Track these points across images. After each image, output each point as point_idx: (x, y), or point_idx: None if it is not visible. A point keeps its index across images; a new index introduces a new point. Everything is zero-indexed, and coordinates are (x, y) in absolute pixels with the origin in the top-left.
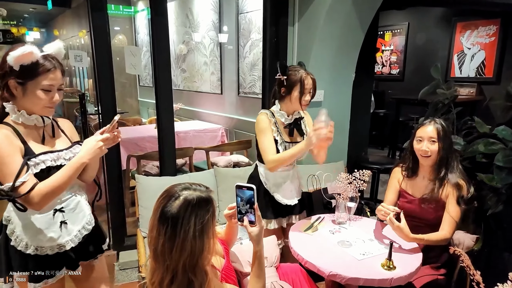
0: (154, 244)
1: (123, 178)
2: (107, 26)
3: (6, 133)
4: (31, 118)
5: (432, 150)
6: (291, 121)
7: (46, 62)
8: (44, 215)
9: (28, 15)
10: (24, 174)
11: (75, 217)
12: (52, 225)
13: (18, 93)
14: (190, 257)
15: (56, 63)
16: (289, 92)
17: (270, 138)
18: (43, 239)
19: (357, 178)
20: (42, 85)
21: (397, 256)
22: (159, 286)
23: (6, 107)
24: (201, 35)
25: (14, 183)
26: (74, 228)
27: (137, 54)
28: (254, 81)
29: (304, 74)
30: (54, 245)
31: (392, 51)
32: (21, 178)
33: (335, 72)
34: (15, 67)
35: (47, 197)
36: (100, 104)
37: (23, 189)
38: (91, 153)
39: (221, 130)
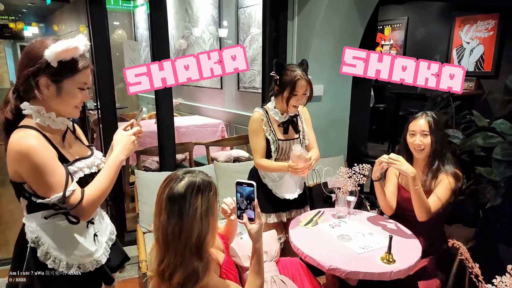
0: (163, 228)
1: (123, 174)
2: (106, 21)
3: (39, 137)
4: (59, 120)
5: (425, 143)
6: (285, 119)
7: (82, 58)
8: (79, 229)
9: (26, 10)
10: (71, 183)
11: (102, 228)
12: (88, 238)
13: (49, 92)
14: (198, 238)
15: (88, 59)
16: (281, 92)
17: (259, 140)
18: (83, 255)
19: (357, 172)
20: (79, 83)
21: (397, 250)
22: (166, 272)
23: (27, 108)
24: (200, 30)
25: (64, 194)
26: (103, 240)
27: (136, 49)
28: (254, 75)
29: (299, 75)
30: (93, 260)
31: (392, 45)
32: (70, 187)
33: (335, 66)
34: (53, 63)
35: (96, 204)
36: (99, 99)
37: (75, 199)
38: (126, 149)
39: (221, 125)
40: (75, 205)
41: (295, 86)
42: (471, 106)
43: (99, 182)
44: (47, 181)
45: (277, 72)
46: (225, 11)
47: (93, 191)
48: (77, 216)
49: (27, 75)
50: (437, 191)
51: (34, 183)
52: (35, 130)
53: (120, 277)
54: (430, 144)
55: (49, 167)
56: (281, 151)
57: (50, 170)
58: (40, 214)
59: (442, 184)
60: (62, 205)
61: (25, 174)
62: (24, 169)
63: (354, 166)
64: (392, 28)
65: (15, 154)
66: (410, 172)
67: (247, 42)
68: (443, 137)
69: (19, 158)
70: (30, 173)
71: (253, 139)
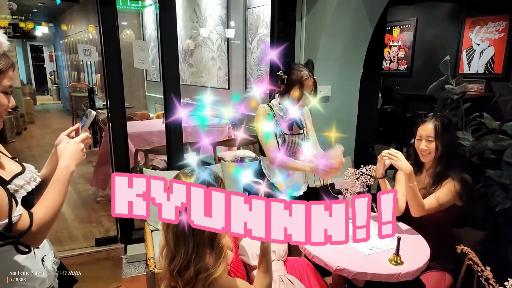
0: (174, 227)
1: (131, 173)
2: (116, 21)
3: None
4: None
5: (430, 148)
6: (290, 116)
7: (3, 56)
8: (27, 258)
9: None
10: (16, 207)
11: (45, 250)
12: (37, 265)
13: None
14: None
15: (9, 58)
16: (287, 91)
17: (267, 128)
18: (35, 285)
19: (364, 173)
20: (3, 87)
21: (405, 252)
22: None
23: None
24: (208, 30)
25: (10, 220)
26: (49, 264)
27: (145, 49)
28: (262, 76)
29: (305, 75)
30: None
31: (400, 46)
32: (15, 212)
33: (342, 67)
34: None
35: (49, 226)
36: (108, 99)
37: (23, 225)
38: (76, 159)
39: (228, 125)
40: (25, 231)
41: (304, 85)
42: (481, 108)
43: (50, 201)
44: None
45: (284, 71)
46: (233, 12)
47: (43, 213)
48: (27, 244)
49: None
50: (438, 192)
51: None
52: None
53: (128, 274)
54: (435, 149)
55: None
56: (287, 146)
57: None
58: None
59: (444, 187)
60: (9, 233)
61: None
62: None
63: (361, 167)
64: (400, 29)
65: None
66: (406, 169)
67: (254, 43)
68: (450, 142)
69: None
70: None
71: (261, 127)
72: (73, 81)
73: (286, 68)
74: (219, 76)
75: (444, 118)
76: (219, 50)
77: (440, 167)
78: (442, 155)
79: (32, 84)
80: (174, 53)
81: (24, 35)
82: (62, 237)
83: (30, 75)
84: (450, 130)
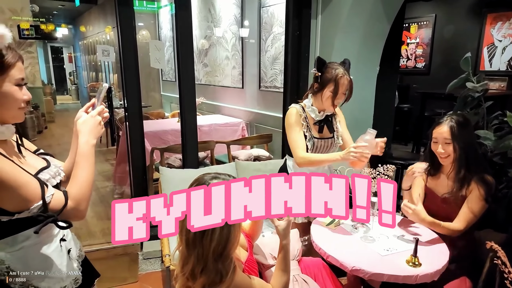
0: (185, 232)
1: (147, 170)
2: (134, 22)
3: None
4: (4, 129)
5: (448, 151)
6: (322, 117)
7: (10, 49)
8: (53, 249)
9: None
10: (47, 189)
11: (72, 244)
12: (64, 258)
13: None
14: (219, 244)
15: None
16: (321, 89)
17: (299, 133)
18: (62, 277)
19: (381, 173)
20: (15, 79)
21: (423, 253)
22: (190, 276)
23: None
24: (223, 30)
25: (44, 200)
26: (74, 256)
27: (161, 49)
28: (276, 75)
29: (341, 73)
30: (72, 280)
31: (418, 44)
32: (48, 193)
33: (358, 65)
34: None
35: (85, 198)
36: (125, 98)
37: (58, 203)
38: (95, 133)
39: (242, 124)
40: (61, 209)
41: (339, 84)
42: (503, 107)
43: (79, 176)
44: (21, 195)
45: (318, 69)
46: (248, 11)
47: (77, 187)
48: (68, 220)
49: None
50: (468, 203)
51: (4, 202)
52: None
53: (144, 270)
54: (453, 152)
55: (19, 180)
56: (315, 150)
57: (22, 183)
58: (9, 240)
59: (472, 195)
60: (47, 214)
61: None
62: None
63: (378, 166)
64: (418, 26)
65: None
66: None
67: (269, 41)
68: (468, 143)
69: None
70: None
71: (292, 132)
72: (92, 81)
73: (320, 65)
74: (233, 75)
75: (459, 117)
76: (233, 49)
77: (463, 171)
78: (462, 156)
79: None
80: (189, 53)
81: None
82: (81, 233)
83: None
84: (467, 130)
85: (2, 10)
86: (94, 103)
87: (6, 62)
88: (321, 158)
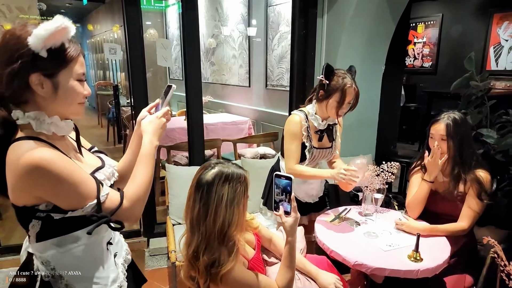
0: (190, 213)
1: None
2: (141, 21)
3: (49, 147)
4: (64, 124)
5: (443, 148)
6: (324, 127)
7: (72, 43)
8: (99, 252)
9: (64, 10)
10: (103, 188)
11: (118, 248)
12: (109, 262)
13: (45, 91)
14: (222, 225)
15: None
16: (327, 98)
17: (297, 145)
18: (107, 283)
19: (385, 170)
20: (77, 74)
21: (425, 248)
22: (193, 257)
23: (21, 117)
24: (230, 29)
25: (98, 199)
26: (119, 262)
27: (168, 47)
28: (282, 73)
29: (349, 83)
30: (117, 286)
31: (425, 43)
32: (102, 192)
33: (364, 64)
34: (42, 53)
35: (142, 200)
36: (132, 96)
37: (113, 202)
38: (158, 134)
39: (248, 123)
40: (116, 208)
41: (346, 94)
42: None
43: (138, 176)
44: (78, 193)
45: (326, 76)
46: (255, 10)
47: (134, 188)
48: (121, 221)
49: (12, 75)
50: (467, 201)
51: (61, 200)
52: (39, 140)
53: (151, 266)
54: (448, 149)
55: (77, 178)
56: (312, 158)
57: (79, 181)
58: (58, 241)
59: (469, 193)
60: (100, 214)
61: (46, 192)
62: (45, 187)
63: (383, 164)
64: (425, 25)
65: (28, 171)
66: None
67: (275, 40)
68: (463, 141)
69: (35, 175)
70: (54, 190)
71: (290, 143)
72: (99, 80)
73: (328, 73)
74: (240, 74)
75: (457, 116)
76: (240, 48)
77: (457, 168)
78: (456, 154)
79: None
80: (196, 51)
81: None
82: None
83: None
84: (463, 129)
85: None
86: (158, 104)
87: (69, 55)
88: (312, 173)
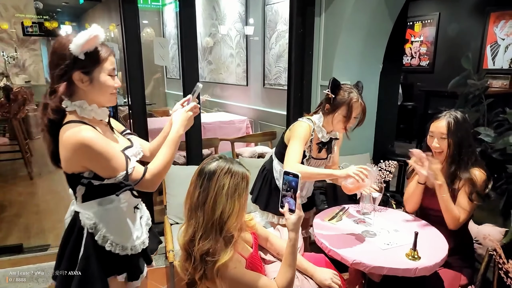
0: (190, 199)
1: None
2: (138, 19)
3: (92, 128)
4: (101, 111)
5: (442, 146)
6: (327, 140)
7: (103, 46)
8: (129, 214)
9: (61, 9)
10: (130, 162)
11: (143, 212)
12: (136, 222)
13: (85, 85)
14: (221, 214)
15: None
16: (332, 111)
17: (302, 148)
18: (134, 238)
19: (383, 168)
20: (108, 70)
21: (423, 247)
22: (190, 242)
23: (70, 106)
24: (227, 27)
25: (127, 171)
26: (143, 224)
27: (165, 46)
28: (280, 72)
29: (355, 98)
30: (141, 242)
31: (422, 42)
32: (130, 165)
33: (362, 63)
34: (80, 56)
35: (160, 176)
36: (129, 96)
37: (137, 175)
38: (185, 125)
39: (246, 122)
40: (139, 179)
41: (352, 109)
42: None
43: (161, 156)
44: (112, 165)
45: (332, 90)
46: (252, 8)
47: (156, 165)
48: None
49: (61, 74)
50: (460, 200)
51: (99, 169)
52: (83, 123)
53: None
54: (447, 147)
55: (111, 153)
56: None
57: (113, 156)
58: (98, 202)
59: (462, 193)
60: (127, 182)
61: (89, 163)
62: (89, 159)
63: (381, 162)
64: (422, 24)
65: (76, 147)
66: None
67: (273, 39)
68: (463, 140)
69: (81, 150)
70: (95, 161)
71: (297, 146)
72: None
73: (334, 87)
74: (237, 73)
75: (458, 114)
76: (237, 47)
77: (454, 166)
78: (455, 153)
79: None
80: (193, 50)
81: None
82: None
83: None
84: (464, 128)
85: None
86: (189, 99)
87: (101, 56)
88: (316, 172)
